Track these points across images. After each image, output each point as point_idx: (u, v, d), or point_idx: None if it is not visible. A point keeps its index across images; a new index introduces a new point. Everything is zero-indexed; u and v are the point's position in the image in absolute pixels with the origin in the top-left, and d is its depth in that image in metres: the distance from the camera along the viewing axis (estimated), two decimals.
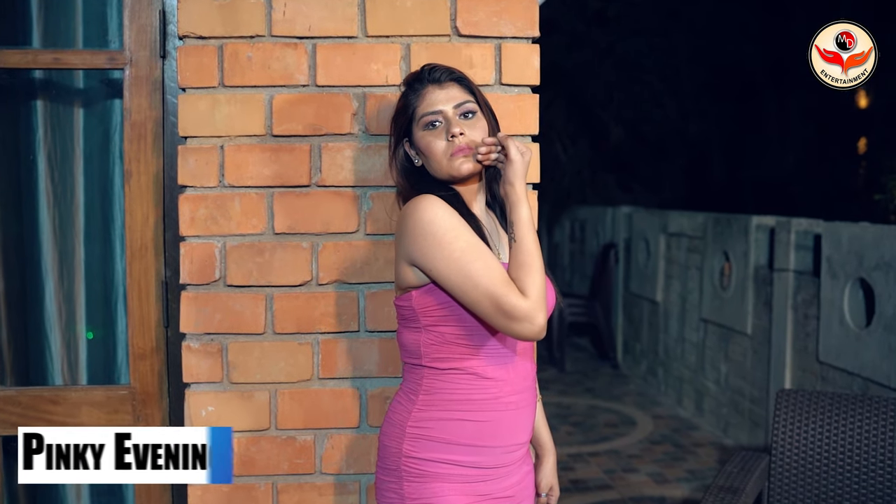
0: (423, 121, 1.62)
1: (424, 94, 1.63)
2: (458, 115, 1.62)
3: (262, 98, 1.91)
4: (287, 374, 1.95)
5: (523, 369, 1.63)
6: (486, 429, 1.58)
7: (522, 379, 1.63)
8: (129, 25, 2.05)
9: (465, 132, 1.61)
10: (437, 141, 1.61)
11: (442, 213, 1.51)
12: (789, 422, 2.52)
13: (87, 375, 2.32)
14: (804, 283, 4.17)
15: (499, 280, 1.47)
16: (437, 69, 1.65)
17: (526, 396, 1.63)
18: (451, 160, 1.61)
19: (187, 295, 1.93)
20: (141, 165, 2.08)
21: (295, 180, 1.92)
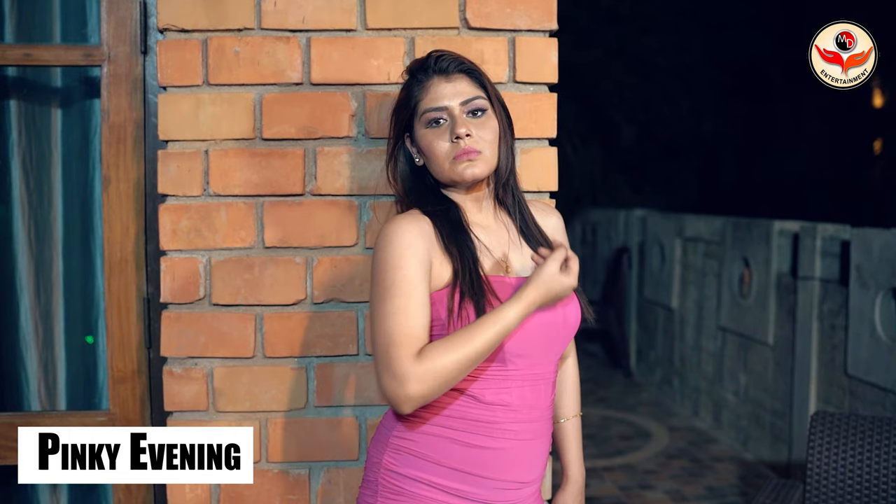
0: (425, 117, 1.44)
1: (429, 87, 1.45)
2: (465, 112, 1.44)
3: (250, 98, 1.73)
4: (279, 401, 1.77)
5: (534, 398, 1.43)
6: (478, 455, 1.40)
7: (531, 408, 1.43)
8: (106, 18, 1.87)
9: (473, 133, 1.43)
10: (440, 141, 1.43)
11: (398, 240, 1.36)
12: (825, 447, 2.32)
13: (66, 399, 2.15)
14: (831, 291, 3.96)
15: (403, 328, 1.31)
16: (445, 57, 1.46)
17: (534, 427, 1.44)
18: (455, 164, 1.43)
19: (169, 315, 1.75)
20: (120, 171, 1.90)
21: (287, 188, 1.74)
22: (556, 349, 1.45)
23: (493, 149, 1.46)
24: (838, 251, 3.92)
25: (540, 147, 1.78)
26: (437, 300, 1.38)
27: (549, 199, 1.80)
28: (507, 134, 1.50)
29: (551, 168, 1.79)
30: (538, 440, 1.45)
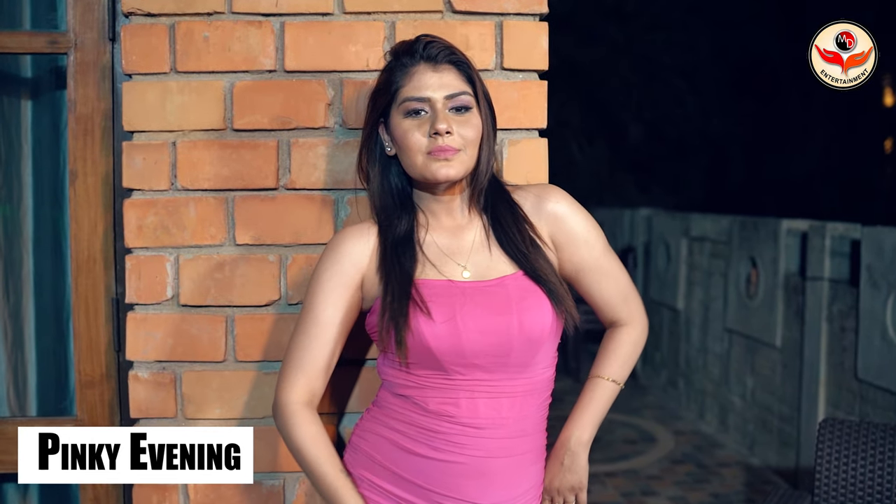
0: (405, 105, 1.35)
1: (413, 73, 1.35)
2: (449, 107, 1.35)
3: (220, 86, 1.63)
4: (252, 408, 1.67)
5: (491, 413, 1.33)
6: (420, 464, 1.35)
7: (497, 426, 1.33)
8: (73, 3, 1.77)
9: (454, 130, 1.33)
10: (417, 133, 1.34)
11: (325, 261, 1.42)
12: (834, 456, 2.21)
13: (36, 404, 2.05)
14: (840, 292, 3.84)
15: (295, 358, 1.41)
16: (436, 44, 1.36)
17: (497, 446, 1.33)
18: (428, 161, 1.34)
19: (134, 316, 1.65)
20: (88, 165, 1.81)
21: (259, 182, 1.63)
22: (516, 360, 1.33)
23: (474, 150, 1.37)
24: (848, 251, 3.80)
25: (529, 138, 1.68)
26: (375, 310, 1.39)
27: None
28: (490, 135, 1.40)
29: (541, 161, 1.68)
30: (506, 459, 1.33)
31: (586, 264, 1.44)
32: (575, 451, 1.44)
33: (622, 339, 1.51)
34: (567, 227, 1.43)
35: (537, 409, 1.38)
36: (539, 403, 1.38)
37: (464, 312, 1.32)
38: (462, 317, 1.32)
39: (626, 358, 1.50)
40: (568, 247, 1.43)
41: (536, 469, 1.41)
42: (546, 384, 1.40)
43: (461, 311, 1.32)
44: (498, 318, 1.31)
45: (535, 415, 1.37)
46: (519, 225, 1.40)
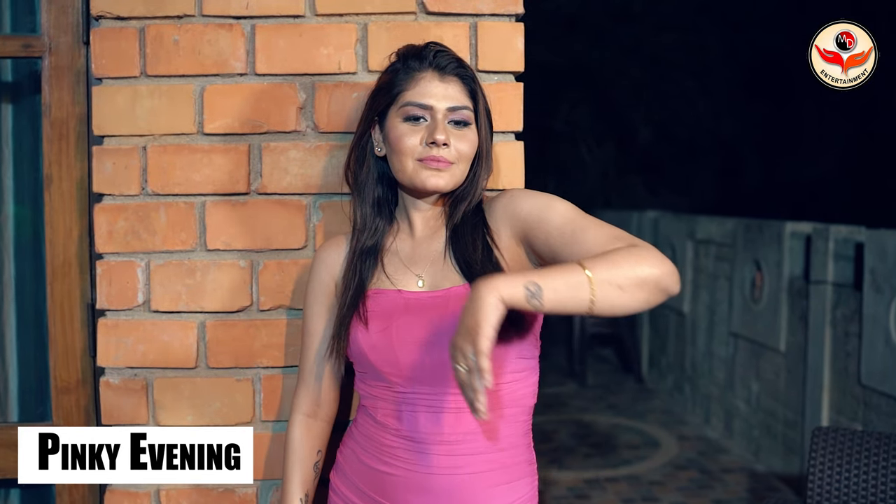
0: (405, 109, 1.33)
1: (419, 79, 1.34)
2: (449, 119, 1.33)
3: (191, 90, 1.61)
4: (224, 416, 1.65)
5: (432, 427, 1.29)
6: (373, 477, 1.35)
7: (437, 442, 1.29)
8: (47, 7, 1.76)
9: (451, 143, 1.32)
10: (412, 138, 1.32)
11: (310, 272, 1.49)
12: (826, 464, 2.17)
13: (17, 410, 2.04)
14: (844, 296, 3.78)
15: (299, 369, 1.51)
16: (446, 55, 1.35)
17: (444, 463, 1.29)
18: (419, 168, 1.32)
19: (105, 322, 1.64)
20: (63, 170, 1.79)
21: (230, 187, 1.62)
22: (446, 374, 1.27)
23: (466, 165, 1.36)
24: (852, 254, 3.74)
25: (505, 141, 1.65)
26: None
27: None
28: (486, 153, 1.39)
29: (517, 164, 1.65)
30: (452, 477, 1.29)
31: (553, 239, 1.28)
32: (478, 291, 1.11)
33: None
34: (520, 215, 1.33)
35: (499, 426, 1.32)
36: (500, 420, 1.32)
37: (399, 324, 1.30)
38: (397, 328, 1.30)
39: (613, 257, 1.17)
40: (531, 233, 1.31)
41: (504, 491, 1.32)
42: (510, 400, 1.32)
43: (397, 322, 1.30)
44: (435, 331, 1.28)
45: (496, 431, 1.31)
46: (475, 235, 1.35)
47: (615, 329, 6.83)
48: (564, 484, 4.36)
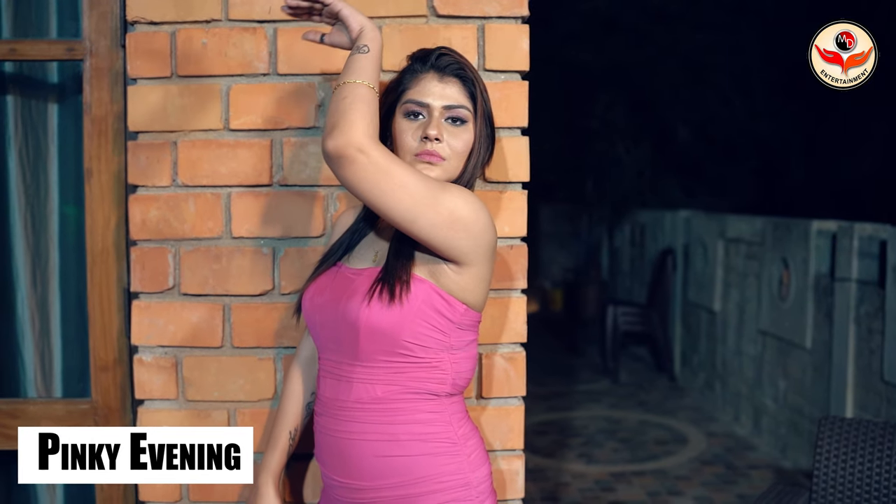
0: (406, 106, 1.46)
1: (420, 79, 1.46)
2: (445, 117, 1.45)
3: (218, 89, 1.73)
4: (247, 392, 1.77)
5: (334, 393, 1.44)
6: (314, 438, 1.51)
7: (337, 408, 1.43)
8: (88, 13, 1.90)
9: (444, 138, 1.43)
10: (410, 134, 1.44)
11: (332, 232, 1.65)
12: (833, 454, 2.22)
13: (61, 387, 2.19)
14: (868, 293, 3.80)
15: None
16: (447, 57, 1.47)
17: (343, 427, 1.41)
18: (414, 161, 1.44)
19: (139, 304, 1.77)
20: (101, 164, 1.93)
21: (254, 179, 1.74)
22: (347, 349, 1.40)
23: (459, 161, 1.46)
24: (877, 252, 3.76)
25: (511, 136, 1.74)
26: None
27: (522, 189, 1.76)
28: (480, 152, 1.49)
29: (522, 158, 1.75)
30: (349, 442, 1.40)
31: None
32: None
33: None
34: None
35: (390, 402, 1.40)
36: (394, 395, 1.40)
37: (322, 295, 1.46)
38: (318, 298, 1.46)
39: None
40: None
41: (400, 463, 1.40)
42: (408, 379, 1.40)
43: (321, 294, 1.46)
44: (333, 300, 1.42)
45: (386, 407, 1.40)
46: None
47: (647, 327, 6.86)
48: (591, 477, 4.43)
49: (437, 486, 1.40)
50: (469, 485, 1.42)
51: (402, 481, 1.39)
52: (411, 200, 1.30)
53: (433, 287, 1.39)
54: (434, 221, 1.32)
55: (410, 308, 1.36)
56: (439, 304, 1.39)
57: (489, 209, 1.69)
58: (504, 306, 1.75)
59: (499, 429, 1.76)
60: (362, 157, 1.27)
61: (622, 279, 9.23)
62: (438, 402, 1.43)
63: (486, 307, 1.71)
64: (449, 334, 1.41)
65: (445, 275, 1.40)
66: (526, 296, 1.78)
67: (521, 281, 1.75)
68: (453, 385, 1.44)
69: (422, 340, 1.39)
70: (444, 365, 1.42)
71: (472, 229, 1.36)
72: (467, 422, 1.48)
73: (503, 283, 1.74)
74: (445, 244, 1.35)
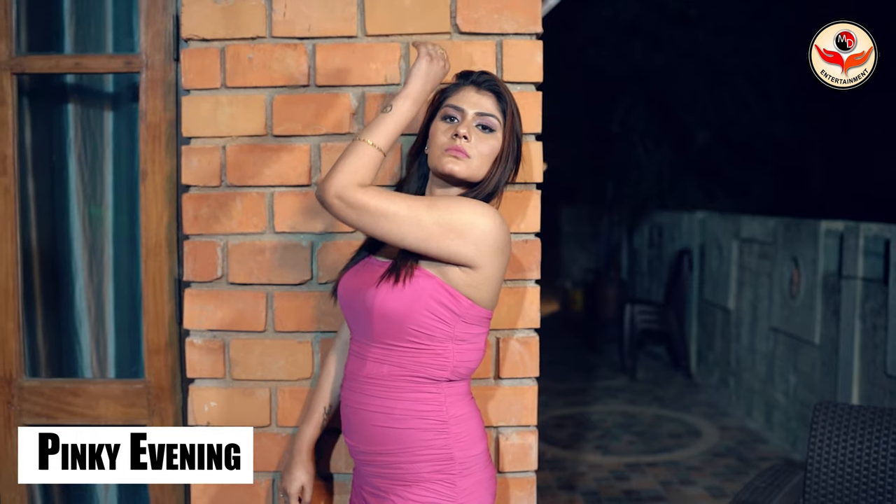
0: (445, 110, 1.66)
1: (460, 90, 1.67)
2: (476, 122, 1.64)
3: (262, 98, 1.93)
4: (287, 371, 1.96)
5: (354, 368, 1.64)
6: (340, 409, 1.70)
7: (354, 377, 1.63)
8: (144, 30, 2.11)
9: (472, 139, 1.62)
10: (444, 132, 1.64)
11: None
12: (826, 436, 2.39)
13: (114, 368, 2.39)
14: (873, 291, 3.95)
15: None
16: (486, 75, 1.69)
17: (356, 398, 1.62)
18: (443, 154, 1.62)
19: (191, 292, 1.97)
20: (155, 165, 2.14)
21: (295, 179, 1.93)
22: (365, 330, 1.60)
23: (483, 162, 1.64)
24: (882, 250, 3.90)
25: (526, 141, 1.92)
26: None
27: (536, 189, 1.94)
28: (506, 161, 1.66)
29: (536, 161, 1.93)
30: (360, 412, 1.61)
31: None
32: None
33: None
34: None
35: (393, 380, 1.58)
36: (398, 375, 1.57)
37: (352, 280, 1.65)
38: (349, 283, 1.65)
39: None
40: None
41: (395, 434, 1.58)
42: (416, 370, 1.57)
43: (352, 279, 1.66)
44: (358, 287, 1.62)
45: (389, 384, 1.58)
46: None
47: (664, 325, 7.01)
48: (607, 467, 4.60)
49: (424, 457, 1.58)
50: (453, 459, 1.59)
51: (394, 449, 1.59)
52: (393, 225, 1.51)
53: (440, 282, 1.55)
54: (420, 237, 1.51)
55: (418, 299, 1.53)
56: (444, 298, 1.54)
57: (509, 207, 1.89)
58: (520, 295, 1.93)
59: (514, 407, 1.94)
60: (337, 201, 1.50)
61: (641, 279, 9.37)
62: (436, 386, 1.59)
63: (504, 296, 1.90)
64: (453, 325, 1.56)
65: (453, 272, 1.56)
66: (539, 286, 1.96)
67: (536, 272, 1.93)
68: (453, 372, 1.59)
69: (427, 329, 1.55)
70: (448, 353, 1.57)
71: (469, 235, 1.52)
72: (464, 406, 1.63)
73: (519, 274, 1.92)
74: (442, 253, 1.53)
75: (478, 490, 1.61)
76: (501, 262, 1.59)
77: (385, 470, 1.61)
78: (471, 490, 1.60)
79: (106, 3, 2.30)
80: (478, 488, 1.61)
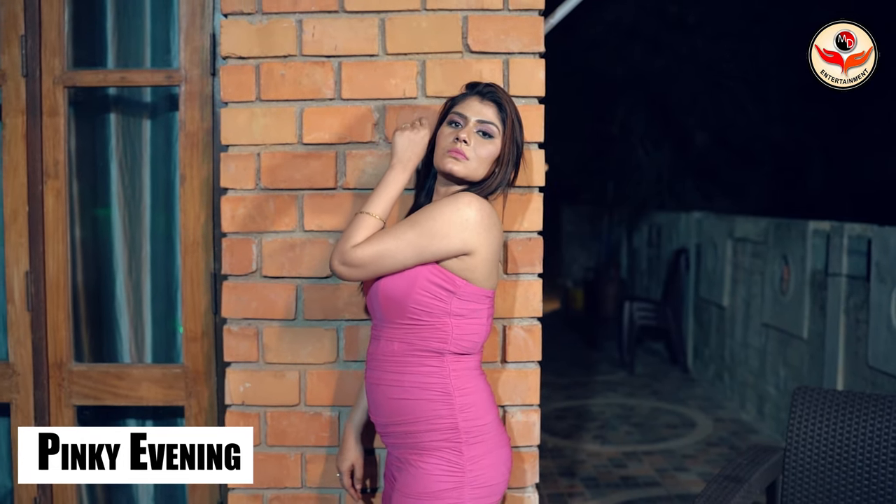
0: (450, 117, 1.87)
1: (466, 100, 1.87)
2: (477, 129, 1.84)
3: (293, 111, 2.15)
4: (315, 356, 2.17)
5: (373, 349, 1.85)
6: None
7: (372, 359, 1.85)
8: (184, 47, 2.33)
9: (471, 144, 1.82)
10: (447, 136, 1.85)
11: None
12: (805, 418, 2.60)
13: (151, 354, 2.61)
14: (856, 287, 4.17)
15: None
16: (490, 87, 1.88)
17: (375, 375, 1.84)
18: (445, 155, 1.83)
19: (228, 284, 2.18)
20: (193, 170, 2.36)
21: (322, 183, 2.15)
22: (378, 312, 1.84)
23: (481, 165, 1.84)
24: (865, 249, 4.12)
25: (529, 149, 2.14)
26: None
27: (538, 192, 2.16)
28: (507, 165, 1.86)
29: (539, 167, 2.15)
30: (378, 387, 1.83)
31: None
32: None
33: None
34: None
35: (402, 355, 1.79)
36: (405, 350, 1.79)
37: None
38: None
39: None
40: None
41: (404, 406, 1.79)
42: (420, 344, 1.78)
43: None
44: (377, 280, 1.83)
45: (399, 359, 1.79)
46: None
47: (662, 322, 7.22)
48: (606, 456, 4.82)
49: (432, 426, 1.78)
50: (457, 429, 1.77)
51: (406, 419, 1.79)
52: (391, 259, 1.74)
53: (437, 266, 1.77)
54: (415, 254, 1.74)
55: (415, 280, 1.75)
56: (439, 279, 1.76)
57: (514, 208, 2.11)
58: (524, 287, 2.15)
59: (518, 388, 2.16)
60: (343, 267, 1.76)
61: (640, 278, 9.60)
62: (441, 359, 1.78)
63: (509, 288, 2.12)
64: (448, 302, 1.77)
65: (449, 260, 1.77)
66: (542, 279, 2.17)
67: (538, 266, 2.15)
68: (456, 345, 1.78)
69: (425, 306, 1.76)
70: (447, 328, 1.77)
71: (452, 230, 1.73)
72: (470, 379, 1.81)
73: (523, 268, 2.14)
74: (439, 256, 1.75)
75: (487, 458, 1.79)
76: (493, 241, 1.78)
77: (401, 440, 1.82)
78: (479, 457, 1.78)
79: (145, 22, 2.52)
80: (488, 456, 1.79)
